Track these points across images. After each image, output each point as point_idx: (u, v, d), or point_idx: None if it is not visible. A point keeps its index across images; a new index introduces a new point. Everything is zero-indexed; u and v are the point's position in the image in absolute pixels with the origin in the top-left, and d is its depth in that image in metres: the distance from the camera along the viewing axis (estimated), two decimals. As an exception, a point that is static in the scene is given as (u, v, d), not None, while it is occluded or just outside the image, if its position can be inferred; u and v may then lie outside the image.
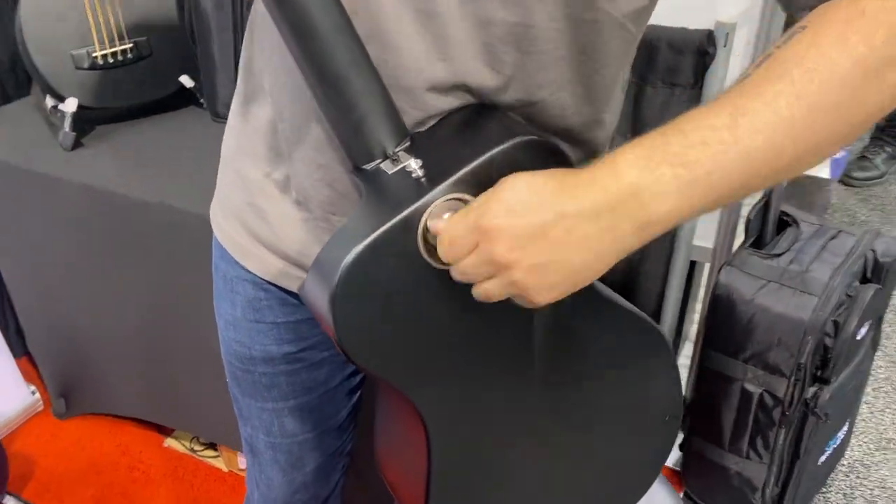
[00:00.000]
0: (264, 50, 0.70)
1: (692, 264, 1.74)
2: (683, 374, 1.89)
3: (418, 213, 0.57)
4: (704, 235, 1.63)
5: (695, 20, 1.40)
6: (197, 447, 1.74)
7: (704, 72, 1.40)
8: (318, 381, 0.86)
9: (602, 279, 0.59)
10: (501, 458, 0.75)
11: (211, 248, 0.85)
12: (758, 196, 1.47)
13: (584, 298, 0.70)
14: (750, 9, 1.40)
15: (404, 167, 0.59)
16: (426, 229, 0.58)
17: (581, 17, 0.61)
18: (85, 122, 1.52)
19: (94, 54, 1.46)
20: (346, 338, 0.59)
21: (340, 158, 0.66)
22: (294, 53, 0.59)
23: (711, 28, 1.37)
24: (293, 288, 0.77)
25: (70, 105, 1.45)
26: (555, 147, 0.61)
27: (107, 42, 1.47)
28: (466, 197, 0.58)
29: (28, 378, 1.84)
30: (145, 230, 1.37)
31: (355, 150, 0.62)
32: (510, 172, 0.55)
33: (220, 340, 0.87)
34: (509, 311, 0.64)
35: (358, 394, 0.92)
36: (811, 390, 1.37)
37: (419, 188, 0.58)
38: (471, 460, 0.73)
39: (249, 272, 0.79)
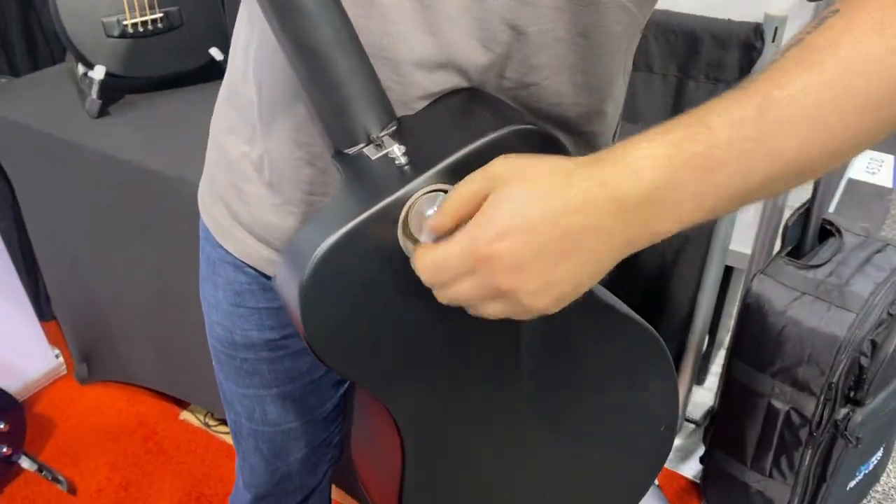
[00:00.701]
0: (253, 23, 0.67)
1: (729, 270, 1.67)
2: (715, 382, 1.82)
3: (399, 203, 0.53)
4: (742, 240, 1.55)
5: (742, 12, 1.32)
6: (211, 422, 1.74)
7: (751, 67, 1.32)
8: (301, 370, 0.82)
9: (629, 280, 0.54)
10: (481, 465, 0.71)
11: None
12: (800, 200, 1.39)
13: (577, 303, 0.65)
14: (802, 1, 1.32)
15: (387, 153, 0.55)
16: (406, 221, 0.53)
17: None
18: (113, 90, 1.51)
19: (124, 22, 1.45)
20: (315, 334, 0.55)
21: (323, 137, 0.62)
22: (274, 28, 0.55)
23: (760, 21, 1.29)
24: (271, 272, 0.73)
25: (98, 72, 1.44)
26: (551, 137, 0.56)
27: (137, 10, 1.46)
28: (451, 188, 0.53)
29: (53, 341, 1.87)
30: (162, 202, 1.36)
31: (338, 133, 0.57)
32: None
33: (205, 323, 0.84)
34: (504, 322, 0.61)
35: (345, 386, 0.88)
36: (842, 411, 1.29)
37: (402, 176, 0.54)
38: (448, 467, 0.69)
39: (231, 254, 0.76)
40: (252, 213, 0.71)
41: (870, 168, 2.82)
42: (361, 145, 0.56)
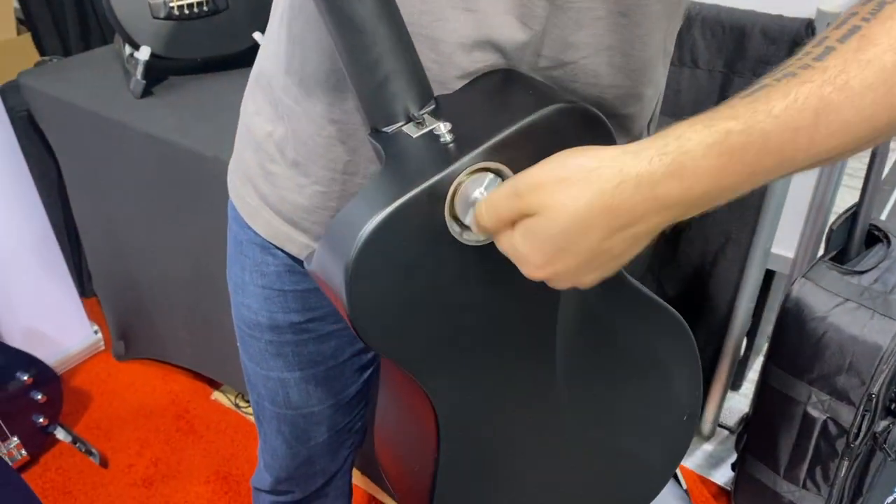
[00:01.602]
0: (288, 2, 0.66)
1: (770, 275, 1.63)
2: (751, 389, 1.77)
3: (447, 182, 0.52)
4: (785, 244, 1.51)
5: (794, 7, 1.28)
6: (241, 403, 1.76)
7: (800, 65, 1.28)
8: (326, 354, 0.82)
9: (668, 280, 0.54)
10: (513, 452, 0.70)
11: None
12: (846, 205, 1.34)
13: (611, 285, 0.64)
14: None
15: (432, 130, 0.54)
16: (453, 201, 0.52)
17: None
18: (158, 71, 1.53)
19: (170, 4, 1.46)
20: (360, 316, 0.54)
21: (357, 114, 0.61)
22: (317, 1, 0.54)
23: (812, 17, 1.25)
24: (298, 254, 0.73)
25: (143, 53, 1.46)
26: (596, 115, 0.55)
27: (184, -7, 1.47)
28: (499, 167, 0.52)
29: (93, 318, 1.90)
30: (201, 183, 1.37)
31: (376, 110, 0.56)
32: (548, 141, 0.50)
33: (231, 304, 0.85)
34: (536, 296, 0.60)
35: (369, 371, 0.88)
36: (882, 423, 1.24)
37: (447, 154, 0.53)
38: (481, 455, 0.69)
39: (259, 235, 0.75)
40: (279, 193, 0.71)
41: (926, 175, 2.72)
42: (401, 123, 0.55)
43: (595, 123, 0.55)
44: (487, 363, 0.63)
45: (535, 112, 0.52)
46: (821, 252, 1.36)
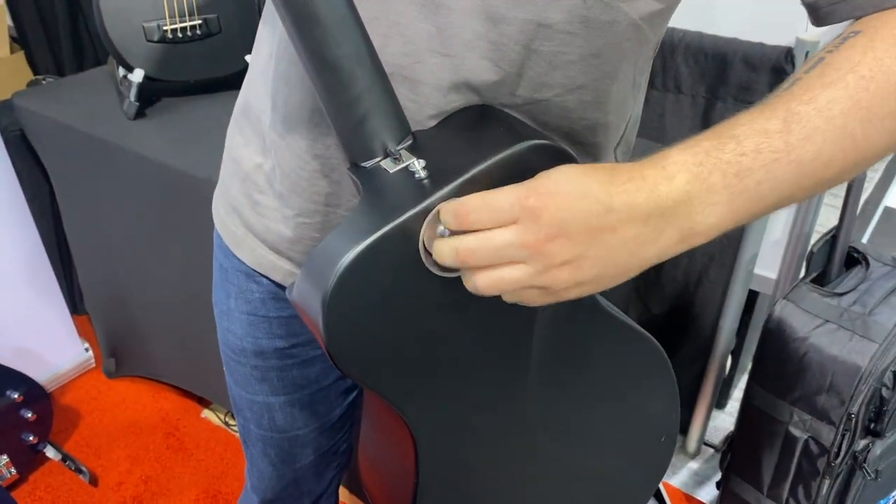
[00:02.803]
0: (273, 38, 0.68)
1: (754, 295, 1.65)
2: (736, 407, 1.79)
3: (421, 216, 0.54)
4: (768, 265, 1.53)
5: (774, 35, 1.31)
6: (231, 421, 1.77)
7: (780, 91, 1.31)
8: (310, 378, 0.84)
9: (653, 301, 0.56)
10: (490, 474, 0.72)
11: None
12: (828, 226, 1.37)
13: (585, 310, 0.66)
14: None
15: (407, 166, 0.56)
16: (427, 233, 0.54)
17: (598, 18, 0.57)
18: (151, 93, 1.55)
19: (164, 27, 1.49)
20: (337, 344, 0.55)
21: (339, 149, 0.63)
22: (295, 42, 0.56)
23: (791, 45, 1.28)
24: (282, 282, 0.75)
25: (137, 76, 1.48)
26: (566, 152, 0.57)
27: (178, 16, 1.49)
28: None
29: (83, 335, 1.91)
30: (192, 204, 1.39)
31: (355, 146, 0.58)
32: (519, 178, 0.52)
33: (217, 329, 0.86)
34: (509, 321, 0.62)
35: (354, 394, 0.90)
36: (862, 443, 1.26)
37: (422, 189, 0.55)
38: (460, 476, 0.70)
39: (243, 263, 0.77)
40: (265, 223, 0.73)
41: (908, 196, 2.76)
42: (378, 159, 0.57)
43: (566, 160, 0.56)
44: (463, 388, 0.64)
45: (507, 149, 0.54)
46: (802, 273, 1.39)
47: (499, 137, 0.57)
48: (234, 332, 0.82)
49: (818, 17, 0.57)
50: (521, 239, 0.49)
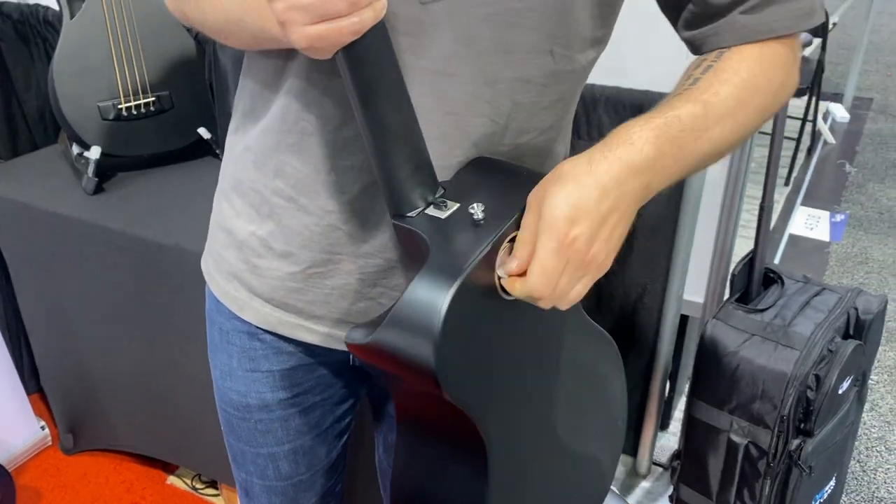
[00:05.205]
0: (257, 120, 0.76)
1: (684, 319, 1.80)
2: (678, 427, 1.92)
3: (495, 251, 0.63)
4: (695, 290, 1.68)
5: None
6: (198, 485, 1.78)
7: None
8: (311, 423, 0.90)
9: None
10: (528, 468, 0.80)
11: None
12: (743, 252, 1.53)
13: (574, 311, 0.79)
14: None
15: (467, 209, 0.65)
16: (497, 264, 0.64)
17: (563, 69, 0.72)
18: (107, 168, 1.61)
19: (119, 106, 1.56)
20: (448, 378, 0.61)
21: (350, 204, 0.73)
22: (359, 113, 0.63)
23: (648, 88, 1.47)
24: (290, 334, 0.82)
25: (94, 153, 1.54)
26: None
27: (131, 95, 1.57)
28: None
29: (38, 413, 1.90)
30: (159, 271, 1.44)
31: (402, 198, 0.66)
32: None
33: (214, 389, 0.92)
34: (546, 328, 0.75)
35: (346, 436, 0.97)
36: (795, 442, 1.40)
37: (486, 228, 0.64)
38: (516, 477, 0.78)
39: (246, 323, 0.83)
40: (268, 283, 0.80)
41: (808, 224, 3.02)
42: (421, 207, 0.66)
43: None
44: (520, 393, 0.74)
45: (530, 189, 0.65)
46: (727, 295, 1.54)
47: (520, 178, 0.69)
48: (237, 390, 0.88)
49: (695, 47, 0.74)
50: (576, 269, 0.62)
